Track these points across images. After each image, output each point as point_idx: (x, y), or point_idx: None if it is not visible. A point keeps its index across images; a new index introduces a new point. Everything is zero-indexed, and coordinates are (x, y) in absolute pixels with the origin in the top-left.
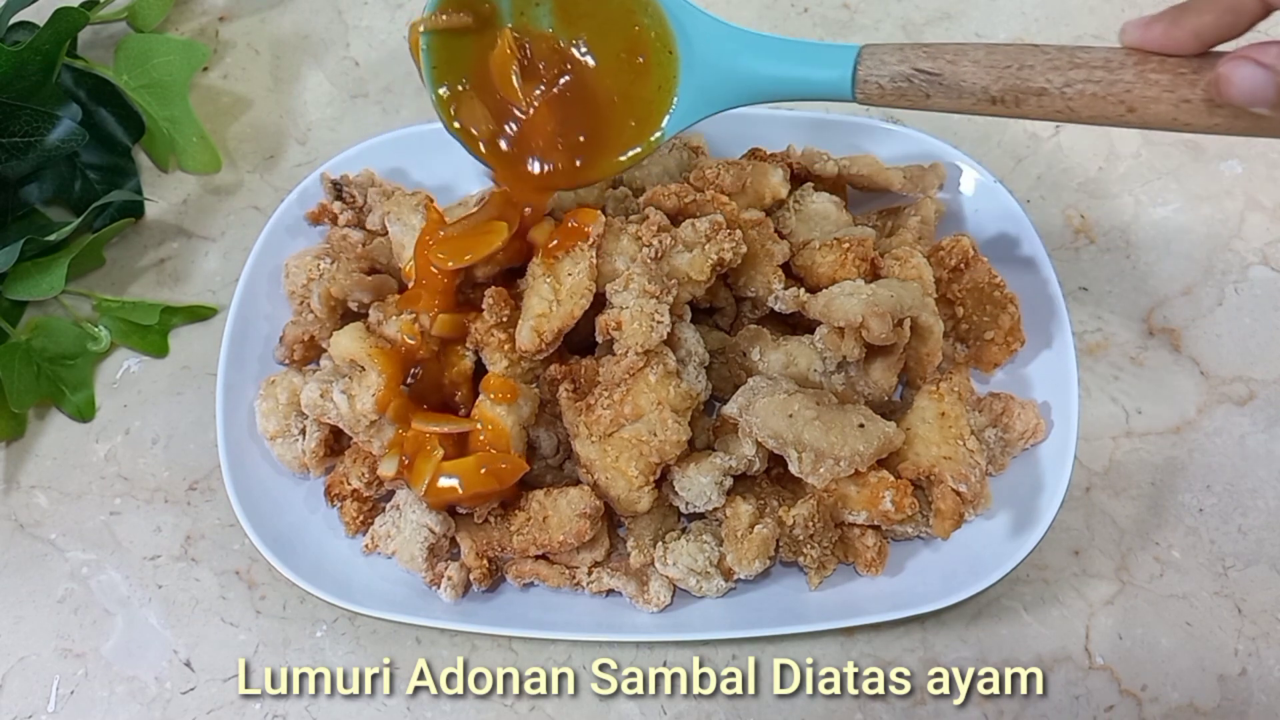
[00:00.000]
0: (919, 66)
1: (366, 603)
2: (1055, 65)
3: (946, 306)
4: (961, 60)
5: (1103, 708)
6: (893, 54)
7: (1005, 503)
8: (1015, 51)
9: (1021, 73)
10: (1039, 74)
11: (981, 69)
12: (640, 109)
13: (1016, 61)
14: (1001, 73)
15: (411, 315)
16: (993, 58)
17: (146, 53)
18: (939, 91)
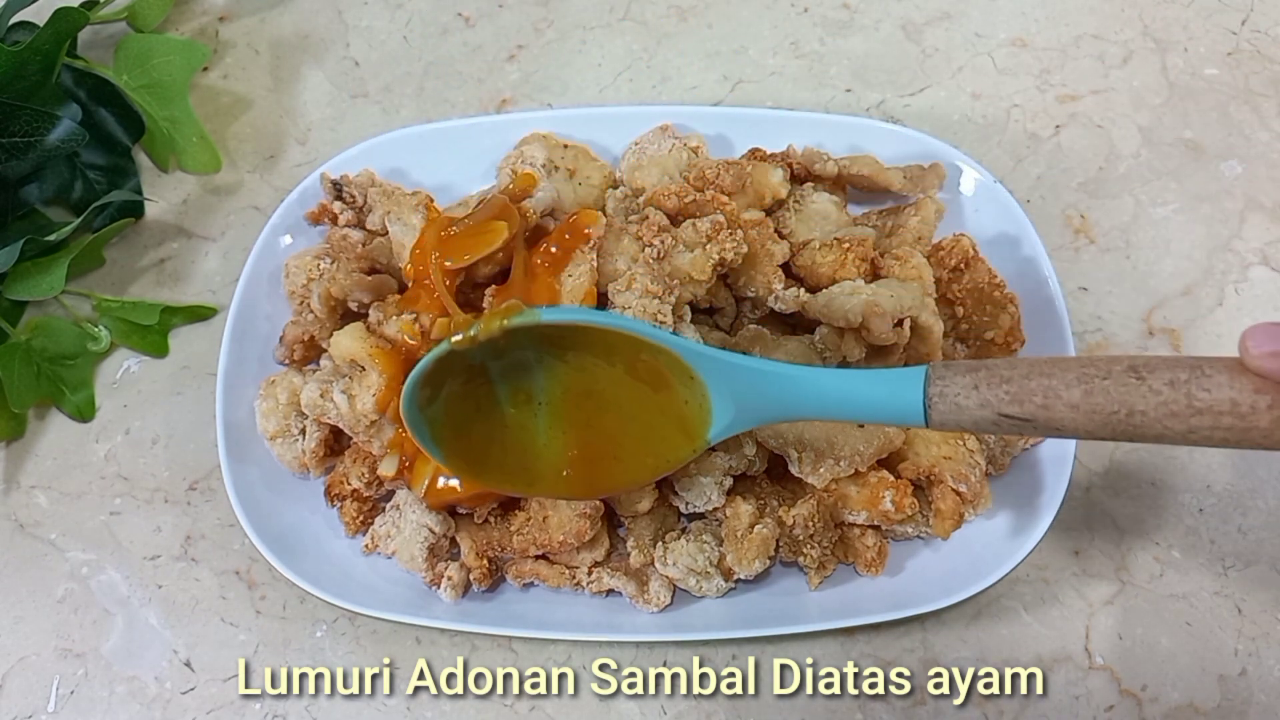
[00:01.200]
0: (1005, 413)
1: (366, 603)
2: (1172, 412)
3: (946, 306)
4: (1055, 405)
5: (1103, 708)
6: (969, 395)
7: (1005, 503)
8: (1117, 392)
9: (1132, 419)
10: (1153, 421)
11: (1081, 415)
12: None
13: (1124, 406)
14: (1107, 419)
15: (412, 315)
16: (1092, 401)
17: (146, 53)
18: (1032, 429)
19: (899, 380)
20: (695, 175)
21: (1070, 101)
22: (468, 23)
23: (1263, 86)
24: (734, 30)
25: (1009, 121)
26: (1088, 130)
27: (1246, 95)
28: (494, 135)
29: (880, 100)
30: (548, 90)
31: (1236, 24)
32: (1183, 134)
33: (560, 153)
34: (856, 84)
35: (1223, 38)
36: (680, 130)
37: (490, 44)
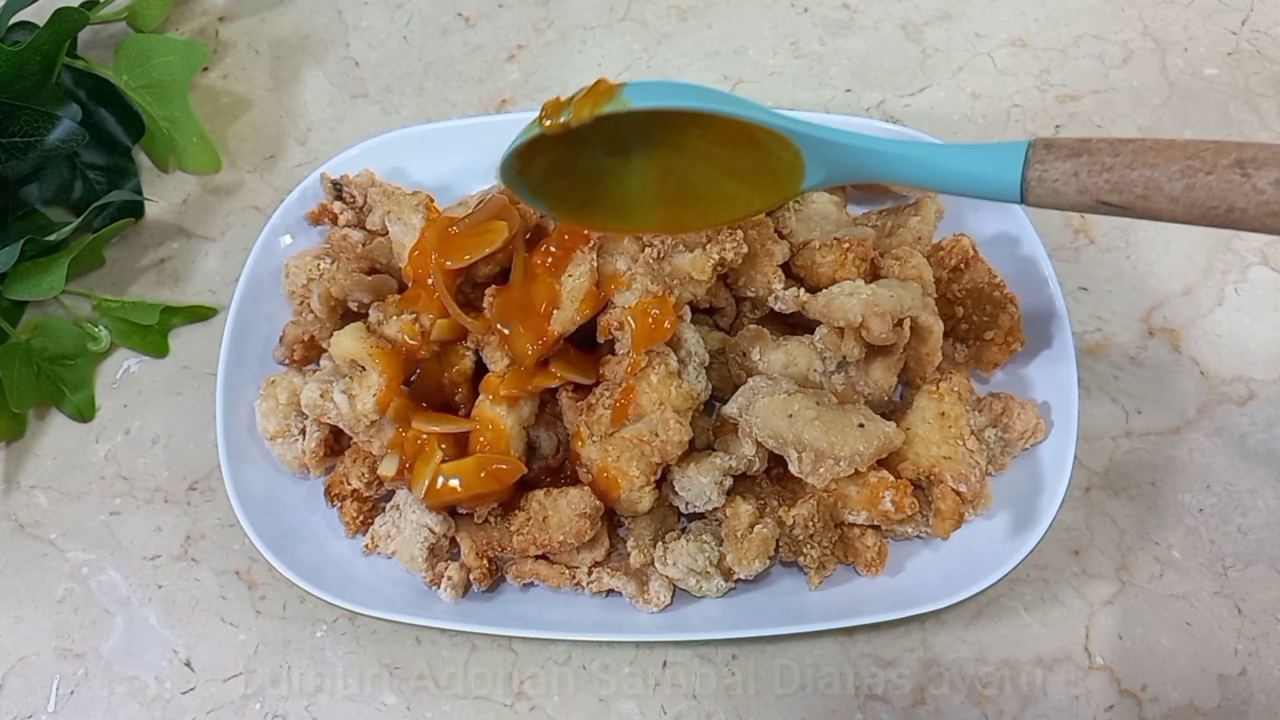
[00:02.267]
0: (1104, 200)
1: (366, 603)
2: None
3: (946, 306)
4: (1155, 196)
5: (1103, 708)
6: (1068, 182)
7: (1005, 503)
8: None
9: (1231, 215)
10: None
11: (1180, 208)
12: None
13: (1224, 203)
14: (1206, 213)
15: (412, 315)
16: (1193, 195)
17: (146, 53)
18: (1129, 215)
19: (998, 156)
20: None
21: (1070, 101)
22: (468, 23)
23: (1263, 86)
24: (734, 30)
25: (1009, 121)
26: (1088, 130)
27: (1246, 95)
28: (494, 135)
29: (880, 100)
30: (548, 90)
31: (1236, 24)
32: (1183, 134)
33: None
34: (856, 84)
35: (1223, 38)
36: None
37: (490, 44)
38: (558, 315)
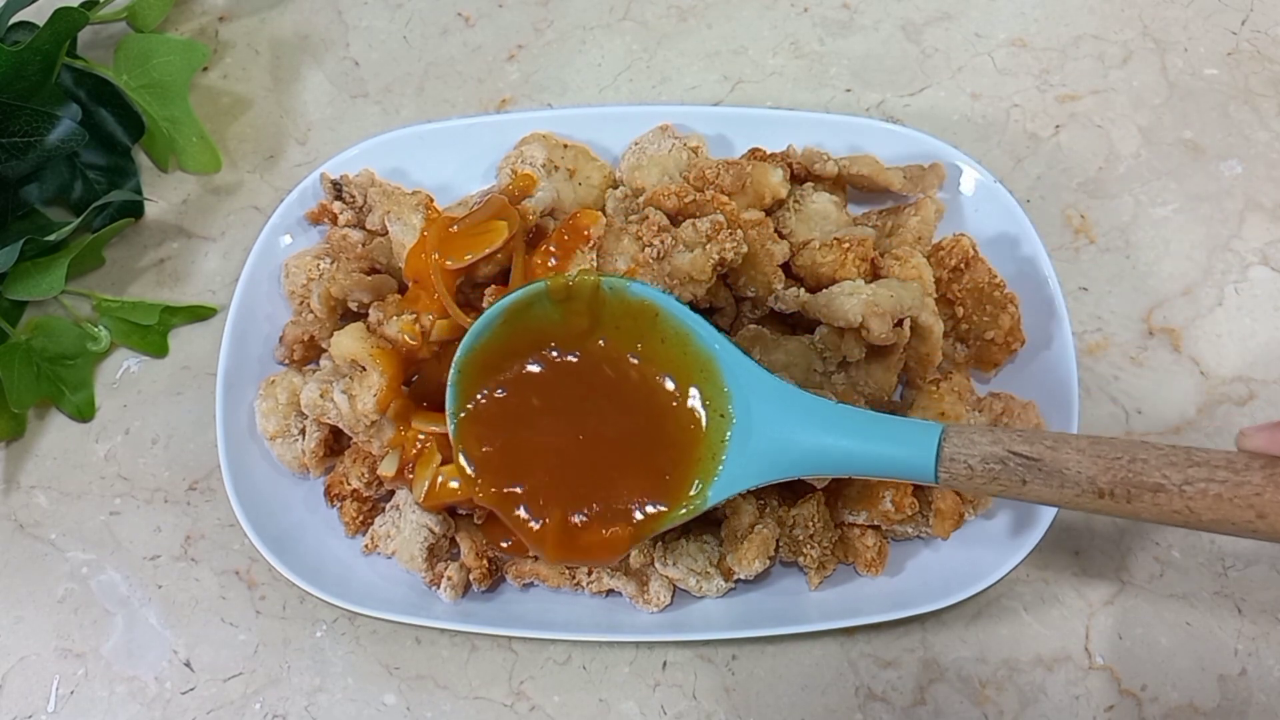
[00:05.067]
0: (1014, 449)
1: (366, 603)
2: (1172, 461)
3: (946, 306)
4: (1063, 447)
5: (1103, 708)
6: (983, 434)
7: (1005, 503)
8: (1124, 444)
9: (1134, 465)
10: (1154, 468)
11: (1087, 458)
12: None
13: (1127, 454)
14: (1110, 464)
15: (412, 315)
16: (1098, 448)
17: (146, 53)
18: (1038, 478)
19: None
20: (695, 175)
21: (1070, 101)
22: (468, 23)
23: (1263, 86)
24: (734, 30)
25: (1009, 121)
26: (1087, 130)
27: (1246, 95)
28: (494, 135)
29: (880, 100)
30: (548, 90)
31: (1236, 24)
32: (1183, 134)
33: (560, 153)
34: (856, 84)
35: (1223, 38)
36: (680, 130)
37: (490, 44)
38: None
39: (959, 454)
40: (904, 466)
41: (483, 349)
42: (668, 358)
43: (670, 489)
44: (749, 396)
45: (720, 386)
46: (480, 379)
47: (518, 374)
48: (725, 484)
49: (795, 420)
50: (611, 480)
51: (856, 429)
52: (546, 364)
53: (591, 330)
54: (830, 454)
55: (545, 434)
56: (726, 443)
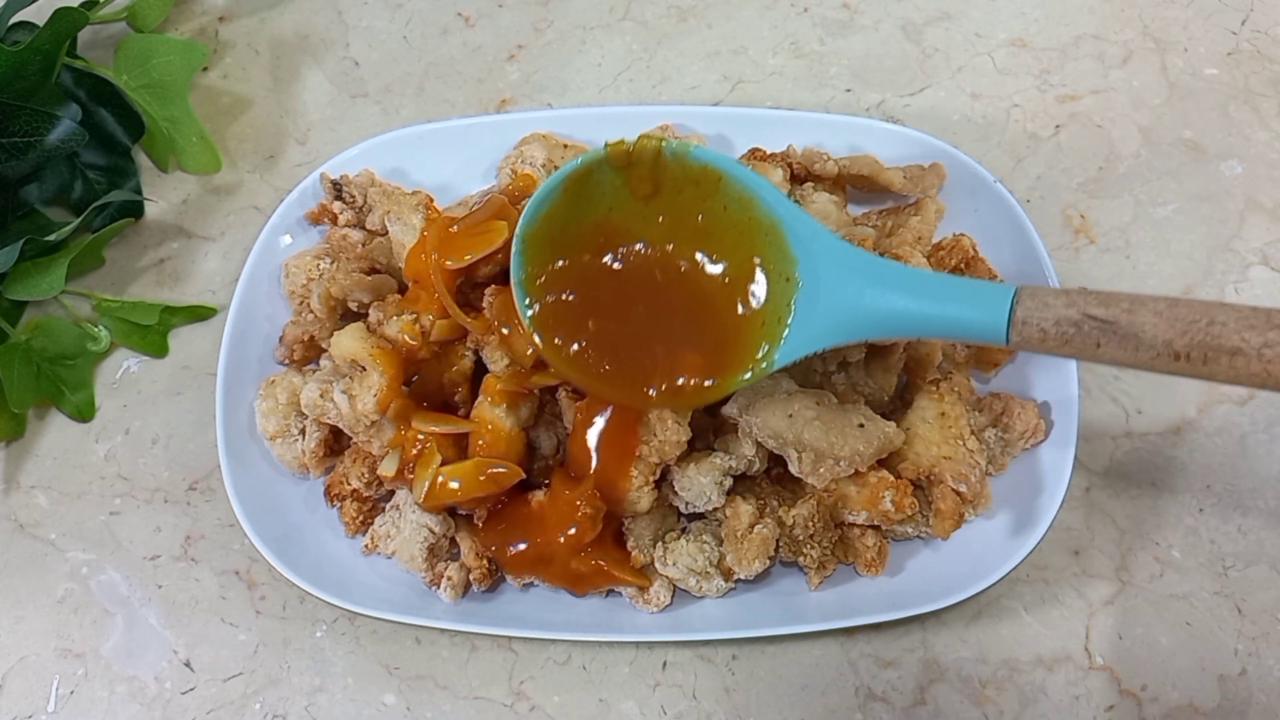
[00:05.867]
0: (1090, 313)
1: (366, 603)
2: (1251, 325)
3: None
4: (1140, 310)
5: (1103, 708)
6: (1057, 297)
7: (1005, 503)
8: (1202, 307)
9: (1211, 329)
10: (1232, 331)
11: (1164, 320)
12: (746, 340)
13: (1205, 317)
14: (1188, 326)
15: (412, 315)
16: (1176, 310)
17: (146, 53)
18: (1112, 341)
19: (987, 290)
20: None
21: (1070, 101)
22: (468, 23)
23: (1263, 86)
24: (734, 30)
25: (1009, 121)
26: (1088, 130)
27: (1246, 95)
28: (494, 135)
29: (880, 100)
30: (548, 90)
31: (1236, 24)
32: (1183, 134)
33: (560, 153)
34: (856, 84)
35: (1223, 38)
36: (680, 130)
37: (490, 44)
38: None
39: (1032, 317)
40: (976, 327)
41: (545, 219)
42: (731, 223)
43: (737, 353)
44: (815, 260)
45: (785, 251)
46: (545, 250)
47: (582, 244)
48: (792, 347)
49: (864, 282)
50: (678, 344)
51: (927, 290)
52: (611, 233)
53: (654, 197)
54: (901, 315)
55: (611, 303)
56: (792, 306)
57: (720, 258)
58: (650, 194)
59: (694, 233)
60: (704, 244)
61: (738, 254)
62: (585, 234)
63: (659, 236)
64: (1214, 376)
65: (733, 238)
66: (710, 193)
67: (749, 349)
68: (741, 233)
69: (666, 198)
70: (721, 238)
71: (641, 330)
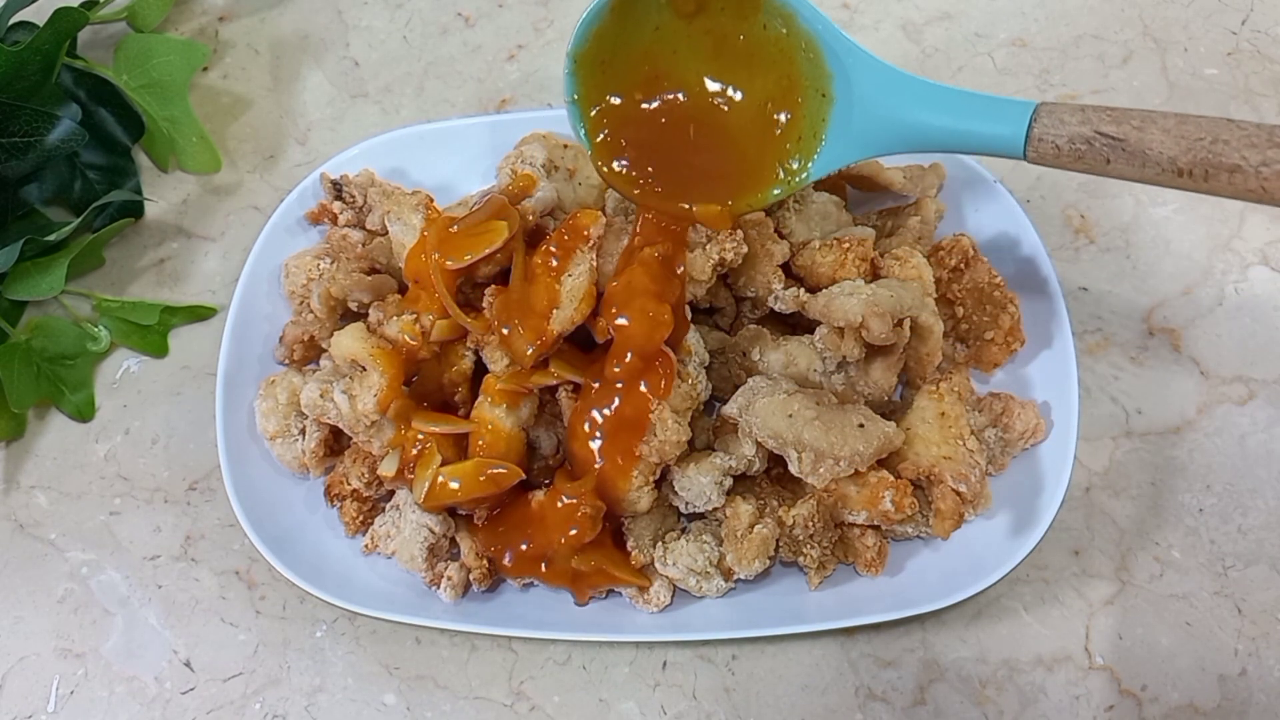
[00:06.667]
0: (1102, 130)
1: (366, 603)
2: (1253, 142)
3: (946, 306)
4: (1149, 127)
5: (1103, 708)
6: (1073, 114)
7: (1005, 503)
8: (1209, 124)
9: (1215, 146)
10: (1234, 149)
11: (1171, 138)
12: (783, 152)
13: (1210, 134)
14: (1193, 144)
15: (412, 315)
16: (1184, 128)
17: (146, 53)
18: (1121, 158)
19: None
20: None
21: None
22: (468, 23)
23: (1263, 86)
24: None
25: None
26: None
27: (1246, 95)
28: (494, 135)
29: None
30: (548, 90)
31: (1236, 24)
32: None
33: (560, 153)
34: None
35: (1223, 38)
36: None
37: (490, 44)
38: (557, 315)
39: (1047, 134)
40: (996, 142)
41: (596, 38)
42: (770, 41)
43: (773, 167)
44: (850, 75)
45: (822, 66)
46: (596, 71)
47: (631, 65)
48: (826, 160)
49: (895, 98)
50: (723, 159)
51: (953, 106)
52: (658, 54)
53: (697, 15)
54: (926, 130)
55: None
56: (828, 121)
57: (761, 76)
58: (694, 12)
59: (736, 52)
60: (747, 62)
61: (777, 71)
62: (634, 54)
63: (704, 56)
64: (1215, 192)
65: (772, 55)
66: (751, 10)
67: (786, 162)
68: (781, 49)
69: (710, 17)
70: (762, 56)
71: (691, 148)
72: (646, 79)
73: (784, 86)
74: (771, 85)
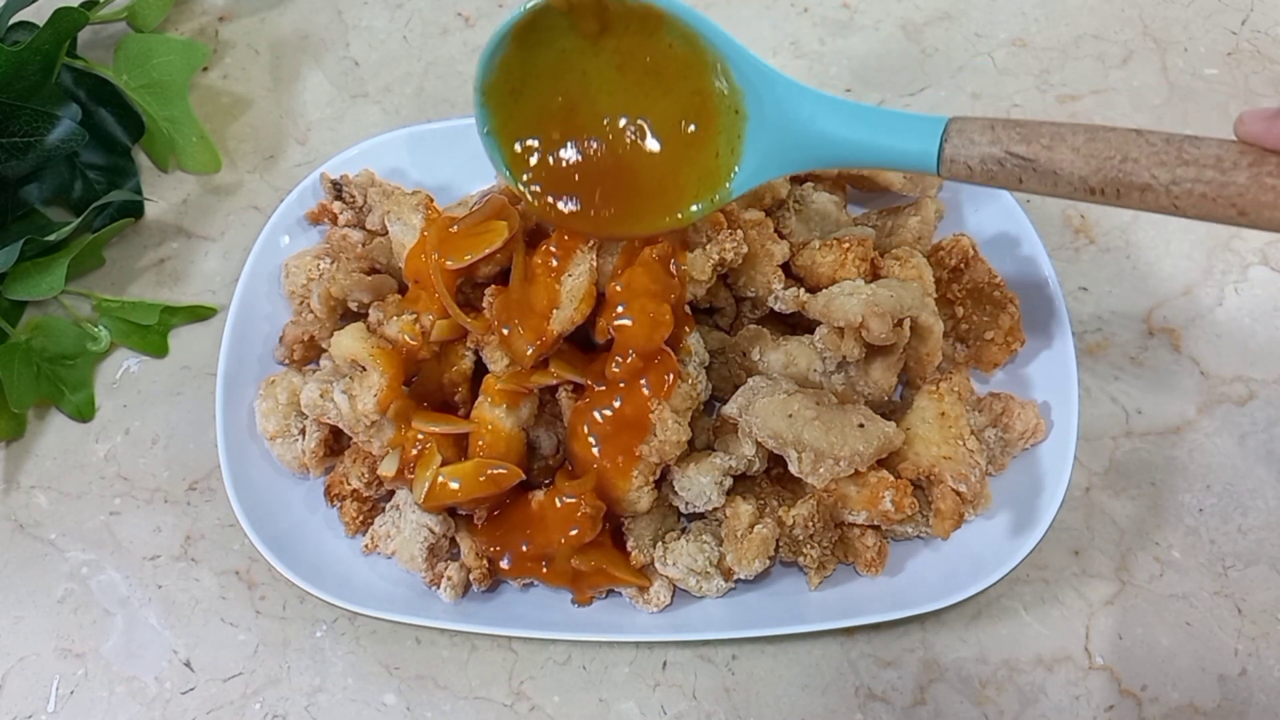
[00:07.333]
0: (1012, 150)
1: (366, 603)
2: (1162, 161)
3: (946, 306)
4: (1059, 146)
5: (1103, 708)
6: (983, 133)
7: (1005, 503)
8: (1118, 140)
9: (1125, 165)
10: (1144, 169)
11: (1080, 158)
12: (702, 169)
13: (1119, 152)
14: (1102, 163)
15: (412, 315)
16: (1093, 146)
17: (146, 53)
18: (1032, 178)
19: (919, 122)
20: None
21: (1070, 101)
22: (468, 23)
23: (1263, 86)
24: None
25: None
26: None
27: (1246, 95)
28: None
29: (880, 100)
30: None
31: (1236, 24)
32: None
33: None
34: (856, 84)
35: (1223, 38)
36: None
37: None
38: (557, 315)
39: (959, 154)
40: (909, 158)
41: (502, 67)
42: (677, 59)
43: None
44: (760, 92)
45: (732, 84)
46: (507, 99)
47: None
48: (746, 176)
49: (807, 113)
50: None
51: (865, 121)
52: (567, 78)
53: (602, 35)
54: (843, 144)
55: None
56: (743, 137)
57: (672, 93)
58: (598, 32)
59: (645, 70)
60: (656, 80)
61: (686, 88)
62: (543, 80)
63: (614, 77)
64: (1130, 207)
65: (681, 72)
66: (654, 30)
67: (706, 179)
68: (689, 66)
69: (615, 37)
70: (671, 73)
71: (611, 170)
72: (560, 105)
73: (697, 104)
74: (685, 102)
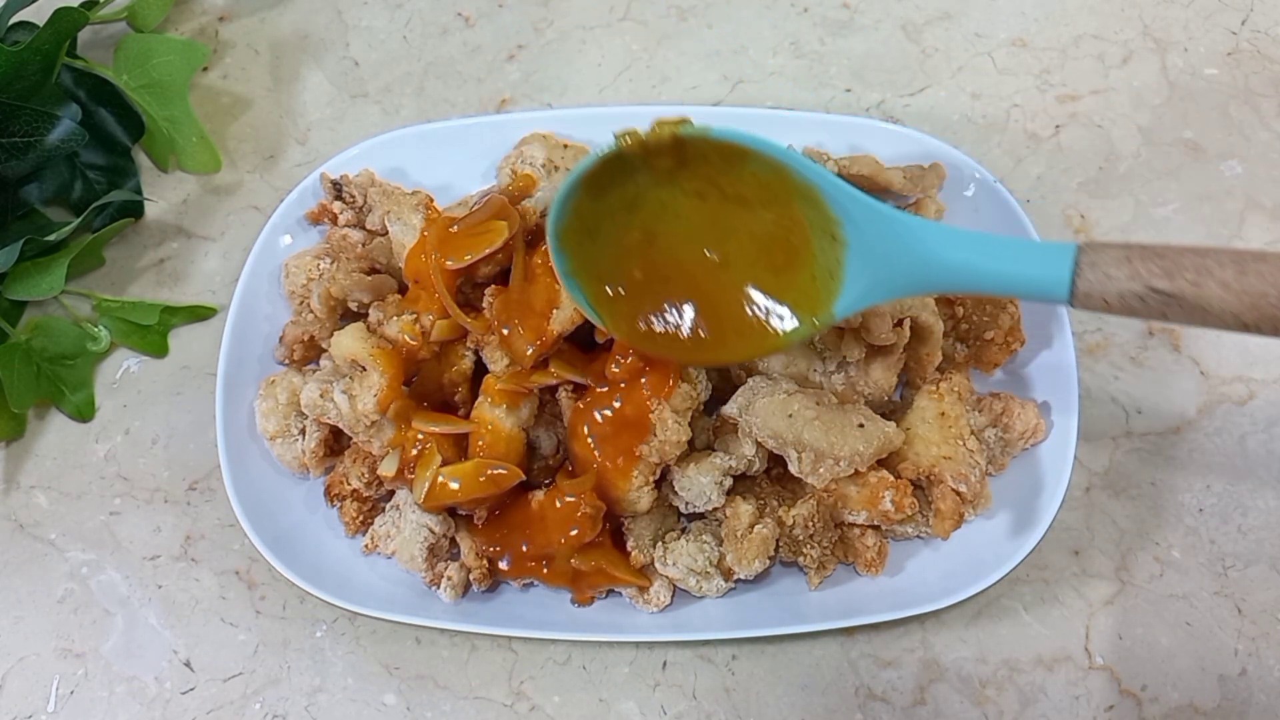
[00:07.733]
0: (1154, 286)
1: (366, 603)
2: None
3: (946, 306)
4: (1206, 281)
5: (1103, 708)
6: (1119, 266)
7: (1005, 503)
8: (1272, 274)
9: None
10: None
11: (1232, 295)
12: (798, 293)
13: (1275, 288)
14: (1257, 300)
15: (412, 315)
16: (1244, 281)
17: (146, 53)
18: (1178, 314)
19: (1046, 252)
20: None
21: (1070, 101)
22: (468, 23)
23: (1263, 86)
24: (734, 30)
25: (1009, 121)
26: (1087, 130)
27: (1246, 95)
28: (494, 135)
29: (880, 100)
30: (548, 90)
31: (1236, 24)
32: (1183, 134)
33: (560, 153)
34: (856, 84)
35: (1223, 38)
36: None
37: (490, 44)
38: (557, 315)
39: (1094, 290)
40: (1037, 288)
41: (574, 213)
42: (764, 187)
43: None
44: (859, 221)
45: (827, 212)
46: (585, 240)
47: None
48: (850, 300)
49: (916, 241)
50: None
51: (984, 249)
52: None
53: (679, 170)
54: (958, 272)
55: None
56: (843, 262)
57: (755, 219)
58: (674, 168)
59: (725, 198)
60: (738, 207)
61: (771, 215)
62: (619, 219)
63: (695, 207)
64: None
65: (765, 199)
66: (736, 163)
67: (802, 302)
68: (774, 194)
69: (693, 170)
70: (755, 201)
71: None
72: (638, 239)
73: (785, 228)
74: (771, 228)
